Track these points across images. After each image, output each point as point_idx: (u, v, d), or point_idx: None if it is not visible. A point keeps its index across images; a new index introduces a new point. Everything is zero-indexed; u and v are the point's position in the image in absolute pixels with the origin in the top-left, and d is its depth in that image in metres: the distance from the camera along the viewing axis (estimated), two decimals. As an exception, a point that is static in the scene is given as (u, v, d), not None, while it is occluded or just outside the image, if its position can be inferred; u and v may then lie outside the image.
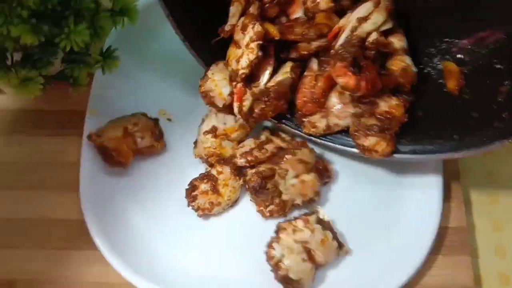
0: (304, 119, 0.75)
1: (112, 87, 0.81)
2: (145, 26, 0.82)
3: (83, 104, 0.80)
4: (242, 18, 0.72)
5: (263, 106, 0.72)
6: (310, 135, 0.75)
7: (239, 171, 0.75)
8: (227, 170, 0.75)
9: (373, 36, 0.70)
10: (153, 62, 0.85)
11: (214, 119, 0.77)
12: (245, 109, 0.72)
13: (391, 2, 0.71)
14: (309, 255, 0.69)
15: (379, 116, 0.69)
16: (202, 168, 0.78)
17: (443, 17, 0.73)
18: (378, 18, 0.70)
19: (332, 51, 0.71)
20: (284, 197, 0.73)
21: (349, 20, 0.71)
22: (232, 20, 0.73)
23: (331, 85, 0.72)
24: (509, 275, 0.76)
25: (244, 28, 0.71)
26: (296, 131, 0.76)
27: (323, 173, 0.75)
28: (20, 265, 0.73)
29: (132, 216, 0.76)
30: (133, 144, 0.76)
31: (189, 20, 0.73)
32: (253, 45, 0.70)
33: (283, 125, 0.76)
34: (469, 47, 0.72)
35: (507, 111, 0.65)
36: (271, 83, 0.73)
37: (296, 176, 0.72)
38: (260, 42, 0.69)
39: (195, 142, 0.78)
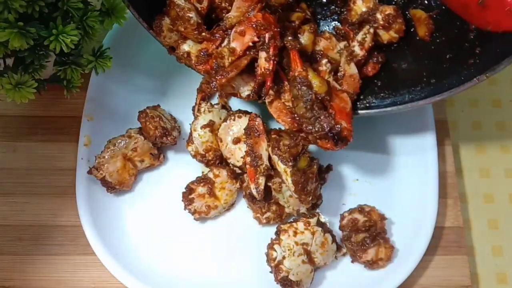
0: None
1: (108, 91, 0.81)
2: (140, 29, 0.82)
3: (78, 110, 0.80)
4: None
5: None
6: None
7: (235, 175, 0.76)
8: (223, 173, 0.75)
9: None
10: (149, 64, 0.85)
11: (210, 114, 0.77)
12: (261, 187, 0.71)
13: None
14: (309, 257, 0.69)
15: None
16: (198, 171, 0.78)
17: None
18: None
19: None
20: (287, 210, 0.73)
21: None
22: None
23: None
24: (506, 273, 0.77)
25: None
26: None
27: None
28: (16, 271, 0.73)
29: (128, 220, 0.76)
30: (133, 168, 0.76)
31: None
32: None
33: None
34: None
35: (479, 47, 0.66)
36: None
37: None
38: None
39: (188, 140, 0.78)
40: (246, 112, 0.76)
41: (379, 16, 0.72)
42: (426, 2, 0.73)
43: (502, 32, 0.66)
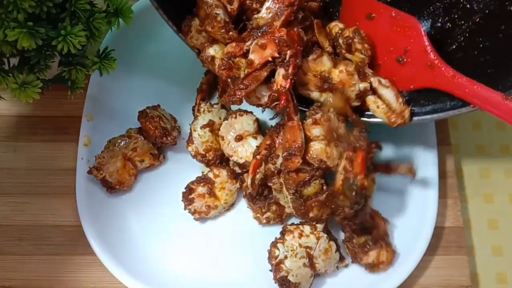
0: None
1: (108, 91, 0.81)
2: (141, 28, 0.82)
3: (78, 110, 0.80)
4: None
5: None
6: None
7: (235, 175, 0.76)
8: (223, 173, 0.75)
9: None
10: (149, 64, 0.85)
11: (210, 114, 0.77)
12: (256, 181, 0.71)
13: None
14: (311, 262, 0.69)
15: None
16: (198, 171, 0.78)
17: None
18: None
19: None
20: (287, 210, 0.73)
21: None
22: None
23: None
24: (506, 273, 0.77)
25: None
26: None
27: None
28: (16, 271, 0.73)
29: (128, 220, 0.76)
30: (133, 168, 0.76)
31: None
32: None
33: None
34: None
35: None
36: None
37: None
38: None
39: (188, 140, 0.78)
40: (246, 111, 0.76)
41: (341, 40, 0.70)
42: (468, 6, 0.69)
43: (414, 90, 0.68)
